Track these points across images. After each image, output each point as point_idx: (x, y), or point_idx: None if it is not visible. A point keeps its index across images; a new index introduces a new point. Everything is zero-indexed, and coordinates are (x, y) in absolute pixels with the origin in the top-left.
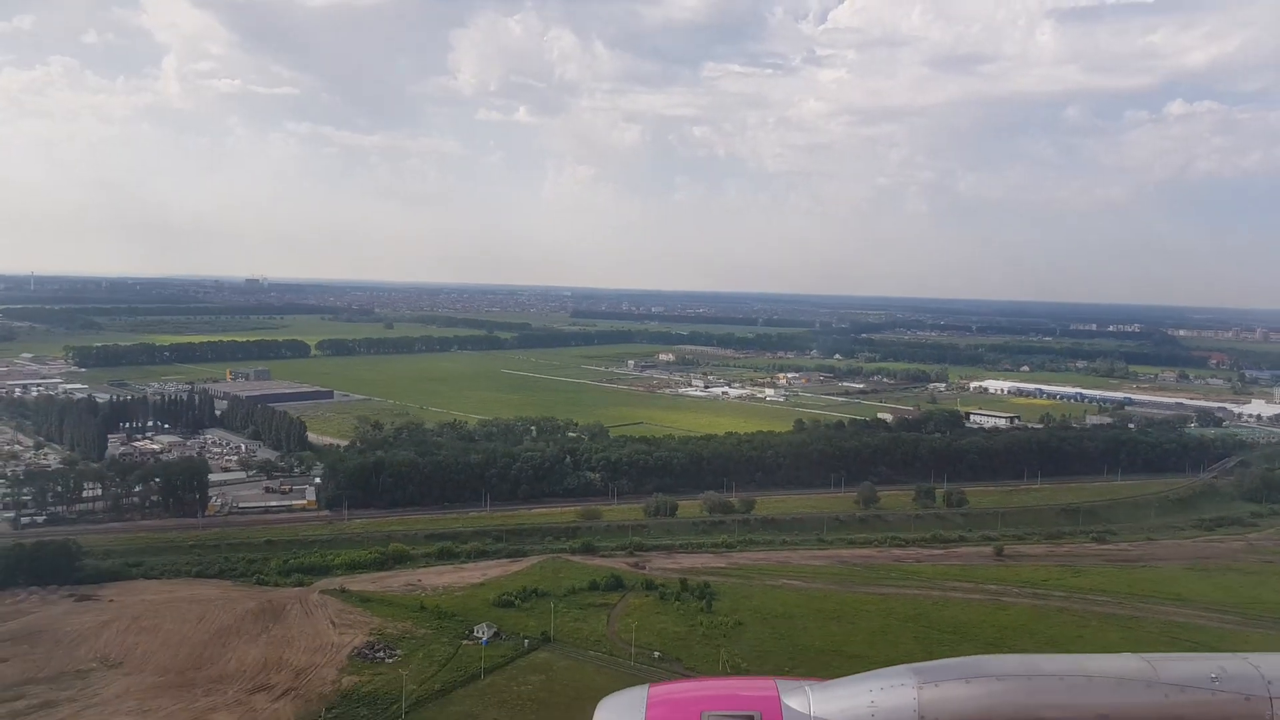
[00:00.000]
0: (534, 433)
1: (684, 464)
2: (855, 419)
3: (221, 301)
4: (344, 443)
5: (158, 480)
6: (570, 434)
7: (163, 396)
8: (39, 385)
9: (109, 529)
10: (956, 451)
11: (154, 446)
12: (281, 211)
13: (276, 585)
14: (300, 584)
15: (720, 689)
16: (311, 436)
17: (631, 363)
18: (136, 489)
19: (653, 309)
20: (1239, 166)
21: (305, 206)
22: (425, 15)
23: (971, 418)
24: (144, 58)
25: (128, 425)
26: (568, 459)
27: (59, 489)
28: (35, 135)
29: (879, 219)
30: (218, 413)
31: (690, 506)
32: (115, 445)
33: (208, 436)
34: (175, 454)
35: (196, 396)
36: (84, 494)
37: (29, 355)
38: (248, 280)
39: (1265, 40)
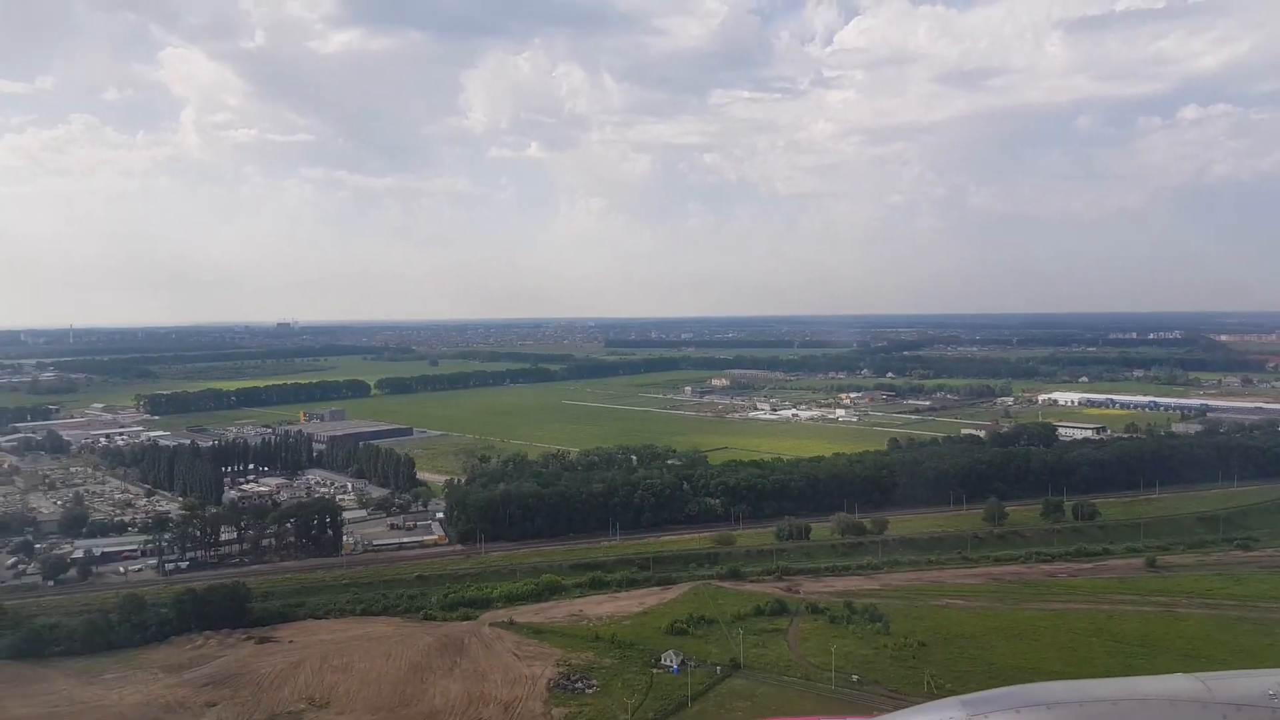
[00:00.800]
0: (634, 461)
1: (801, 487)
2: (945, 436)
3: (259, 346)
4: (446, 478)
5: (293, 522)
6: (670, 461)
7: (262, 439)
8: (121, 433)
9: (253, 571)
10: (1069, 464)
11: (263, 489)
12: (299, 256)
13: (444, 620)
14: (467, 618)
15: None
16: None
17: (689, 389)
18: (269, 530)
19: (682, 335)
20: (1255, 168)
21: (323, 250)
22: (436, 57)
23: (1060, 431)
24: (162, 111)
25: (230, 469)
26: (685, 485)
27: (196, 534)
28: (56, 192)
29: (892, 237)
30: (314, 454)
31: (820, 529)
32: (224, 489)
33: (310, 477)
34: (284, 495)
35: (292, 438)
36: (220, 538)
37: (100, 405)
38: (279, 324)
39: (1277, 41)
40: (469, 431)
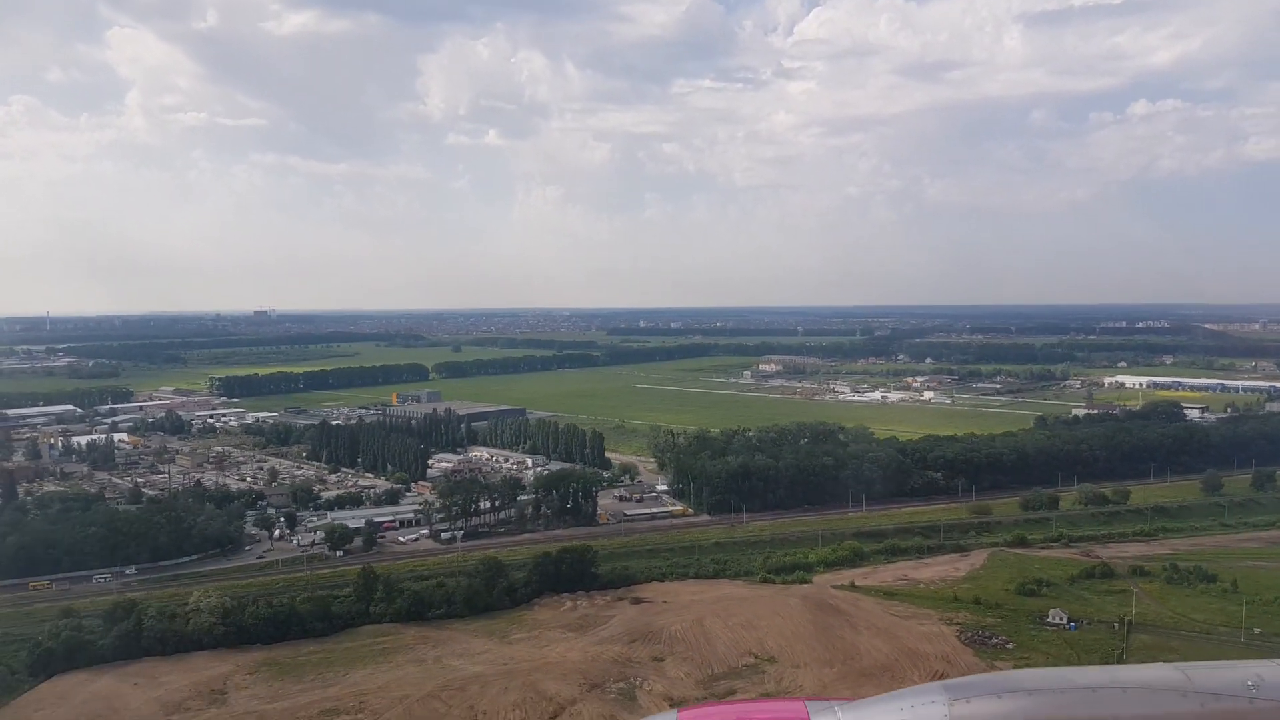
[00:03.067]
0: (807, 437)
1: (1011, 460)
2: (1055, 418)
3: (254, 333)
4: (632, 457)
5: (554, 493)
6: (840, 438)
7: (425, 418)
8: (223, 414)
9: (526, 540)
10: (1242, 438)
11: (446, 464)
12: (251, 244)
13: (784, 583)
14: (802, 580)
15: (750, 712)
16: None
17: (748, 373)
18: (527, 501)
19: (671, 324)
20: (1201, 164)
21: (276, 238)
22: (394, 41)
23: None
24: (107, 93)
25: None
26: (906, 459)
27: (466, 505)
28: None
29: (848, 229)
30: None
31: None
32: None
33: (477, 452)
34: (465, 471)
35: (444, 416)
36: (479, 509)
37: (169, 388)
38: (256, 312)
39: (1227, 38)
40: (573, 412)
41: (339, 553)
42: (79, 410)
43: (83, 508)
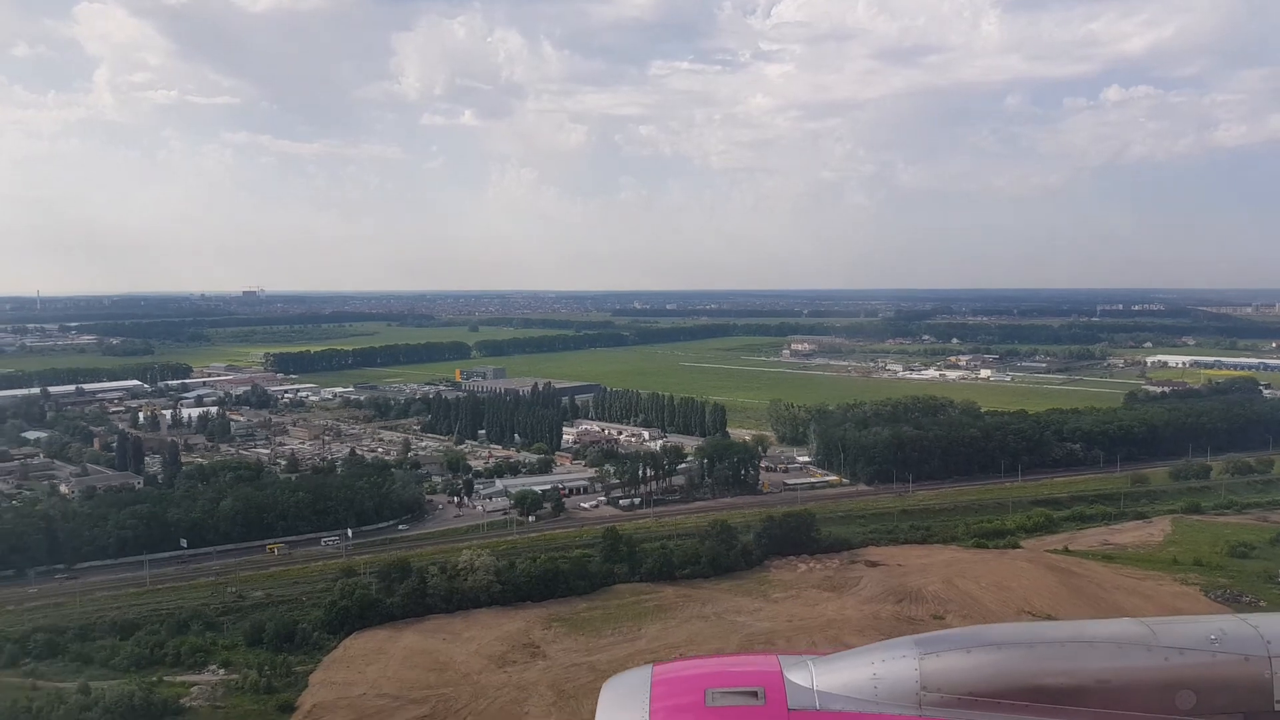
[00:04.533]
0: (918, 411)
1: (1142, 433)
2: (1127, 393)
3: (256, 314)
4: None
5: (719, 462)
6: (951, 412)
7: (521, 392)
8: (297, 390)
9: (699, 508)
10: None
11: (567, 437)
12: (222, 224)
13: (995, 548)
14: (1012, 545)
15: (723, 666)
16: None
17: (785, 352)
18: (690, 470)
19: (667, 306)
20: (1171, 150)
21: (247, 218)
22: (368, 19)
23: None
24: (75, 70)
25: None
26: (1047, 432)
27: (635, 474)
28: None
29: (823, 213)
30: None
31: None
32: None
33: (586, 425)
34: (602, 442)
35: (541, 390)
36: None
37: (221, 364)
38: (245, 293)
39: (1200, 25)
40: (647, 390)
41: (531, 518)
42: (146, 386)
43: (253, 476)
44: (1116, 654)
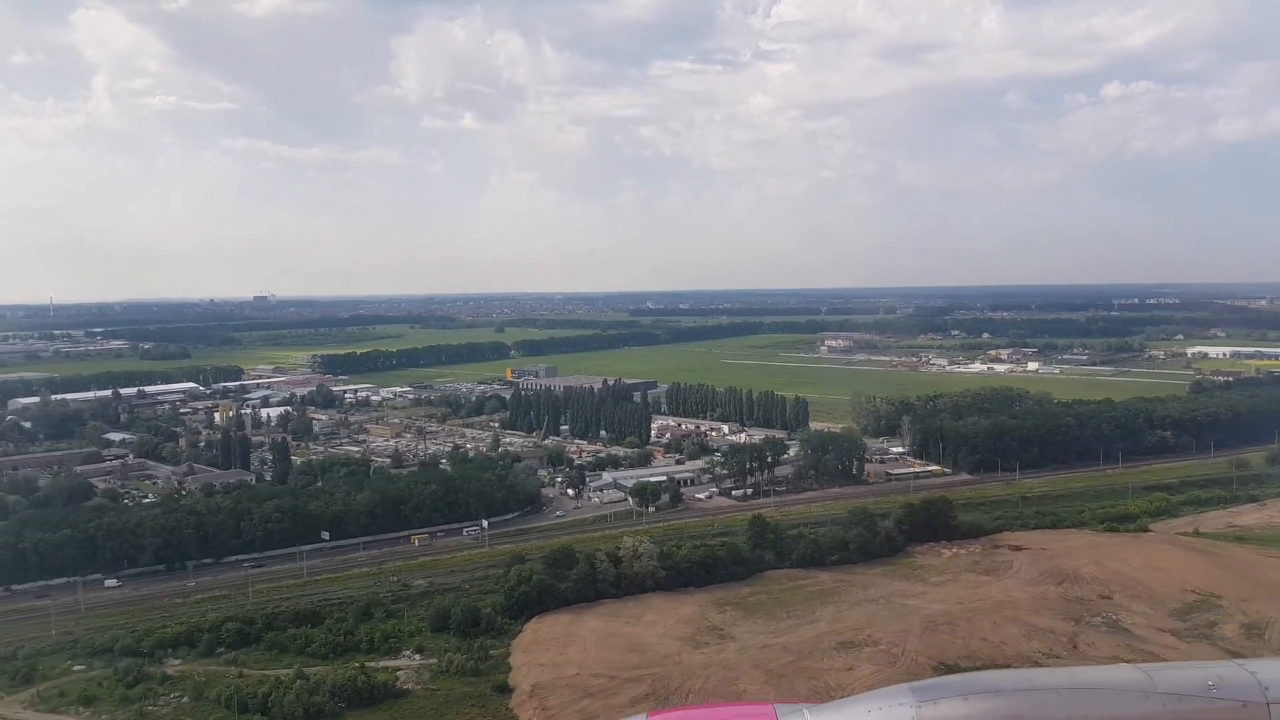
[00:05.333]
0: (992, 402)
1: (1228, 419)
2: (1194, 380)
3: (270, 317)
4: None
5: (825, 453)
6: (1027, 403)
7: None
8: (357, 390)
9: (808, 498)
10: None
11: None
12: (222, 230)
13: (1126, 531)
14: (1141, 529)
15: (720, 714)
16: None
17: (824, 348)
18: (786, 461)
19: (680, 305)
20: (1172, 145)
21: (247, 224)
22: (367, 23)
23: None
24: (74, 78)
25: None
26: (1138, 419)
27: (743, 465)
28: None
29: (824, 212)
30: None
31: None
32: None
33: (663, 420)
34: (677, 435)
35: (613, 386)
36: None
37: (268, 367)
38: (256, 298)
39: (1202, 19)
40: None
41: (651, 508)
42: (203, 388)
43: (365, 473)
44: (1114, 701)
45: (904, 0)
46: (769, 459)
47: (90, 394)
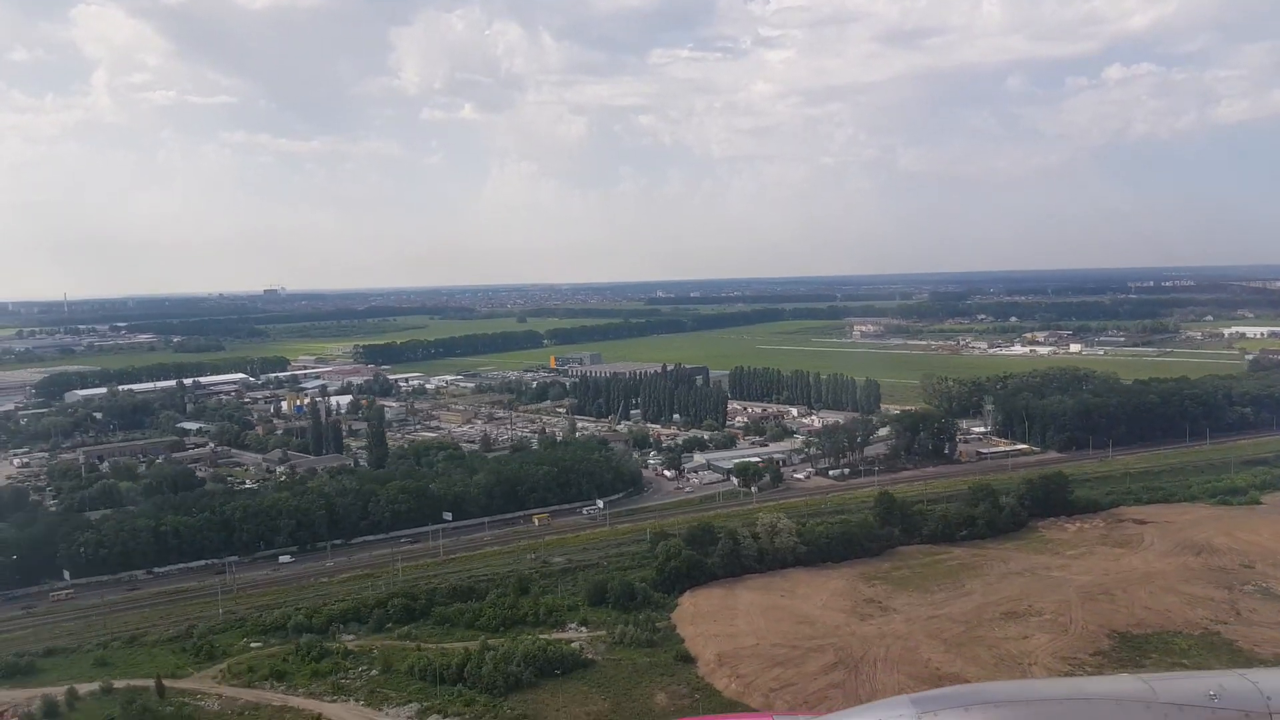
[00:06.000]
0: (1059, 381)
1: None
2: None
3: (289, 309)
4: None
5: (920, 432)
6: (1095, 383)
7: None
8: (412, 380)
9: (907, 476)
10: None
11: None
12: (223, 223)
13: (1239, 504)
14: (1253, 502)
15: None
16: None
17: (857, 332)
18: (891, 440)
19: (690, 294)
20: (1173, 127)
21: (250, 216)
22: (366, 14)
23: None
24: (73, 73)
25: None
26: (1218, 396)
27: (838, 446)
28: None
29: (825, 199)
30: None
31: None
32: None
33: (731, 404)
34: (755, 418)
35: (673, 370)
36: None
37: (310, 356)
38: (266, 291)
39: (1203, 1)
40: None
41: (753, 488)
42: (252, 379)
43: (460, 456)
44: (1116, 712)
45: None
46: (859, 440)
47: (149, 385)
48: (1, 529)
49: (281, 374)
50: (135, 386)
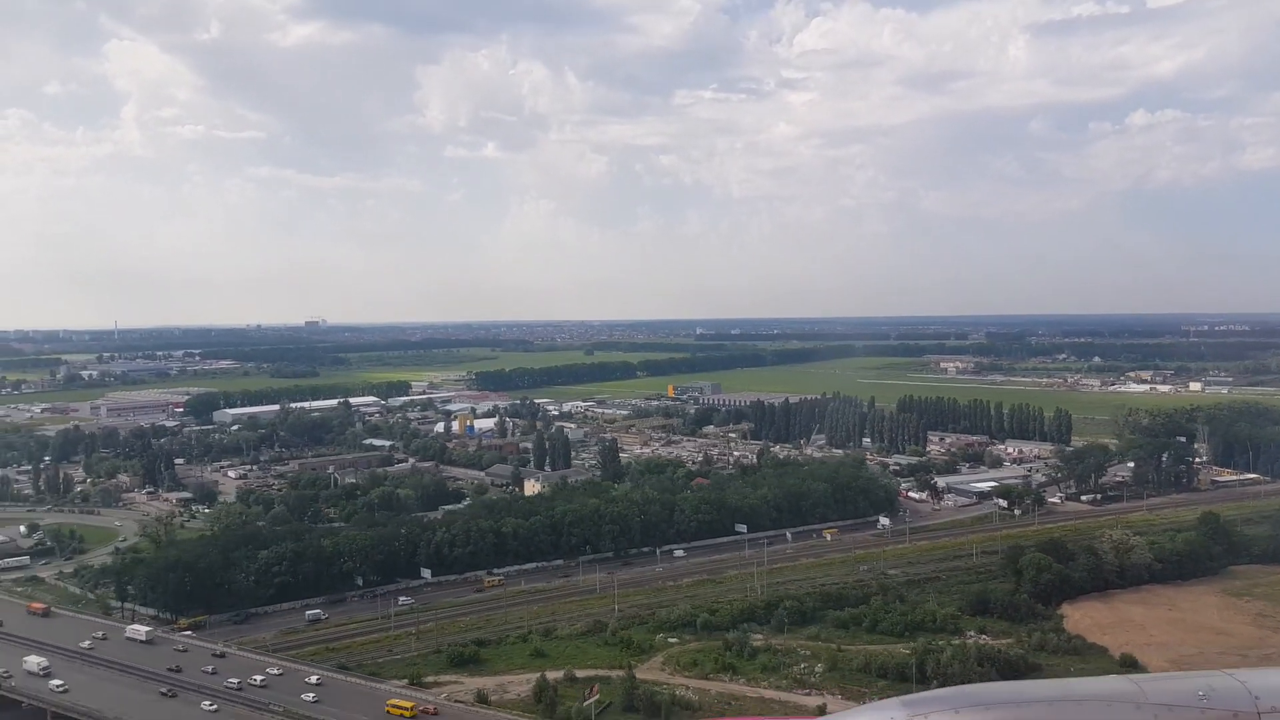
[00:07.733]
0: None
1: None
2: None
3: (324, 341)
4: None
5: (1164, 460)
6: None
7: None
8: (553, 407)
9: (1153, 503)
10: None
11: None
12: (247, 258)
13: None
14: None
15: None
16: None
17: (949, 369)
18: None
19: (731, 332)
20: (1198, 174)
21: (276, 250)
22: (395, 53)
23: None
24: (104, 107)
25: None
26: None
27: (1084, 472)
28: None
29: (845, 241)
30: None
31: None
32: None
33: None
34: (962, 444)
35: (834, 402)
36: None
37: (424, 382)
38: (307, 323)
39: (1232, 47)
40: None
41: (1016, 511)
42: (382, 401)
43: (689, 475)
44: (1105, 713)
45: (930, 29)
46: (1104, 466)
47: (307, 404)
48: (375, 531)
49: (415, 398)
50: (306, 405)
